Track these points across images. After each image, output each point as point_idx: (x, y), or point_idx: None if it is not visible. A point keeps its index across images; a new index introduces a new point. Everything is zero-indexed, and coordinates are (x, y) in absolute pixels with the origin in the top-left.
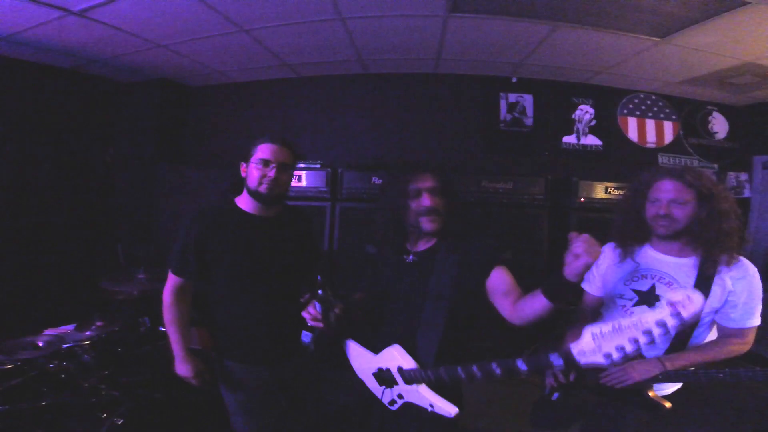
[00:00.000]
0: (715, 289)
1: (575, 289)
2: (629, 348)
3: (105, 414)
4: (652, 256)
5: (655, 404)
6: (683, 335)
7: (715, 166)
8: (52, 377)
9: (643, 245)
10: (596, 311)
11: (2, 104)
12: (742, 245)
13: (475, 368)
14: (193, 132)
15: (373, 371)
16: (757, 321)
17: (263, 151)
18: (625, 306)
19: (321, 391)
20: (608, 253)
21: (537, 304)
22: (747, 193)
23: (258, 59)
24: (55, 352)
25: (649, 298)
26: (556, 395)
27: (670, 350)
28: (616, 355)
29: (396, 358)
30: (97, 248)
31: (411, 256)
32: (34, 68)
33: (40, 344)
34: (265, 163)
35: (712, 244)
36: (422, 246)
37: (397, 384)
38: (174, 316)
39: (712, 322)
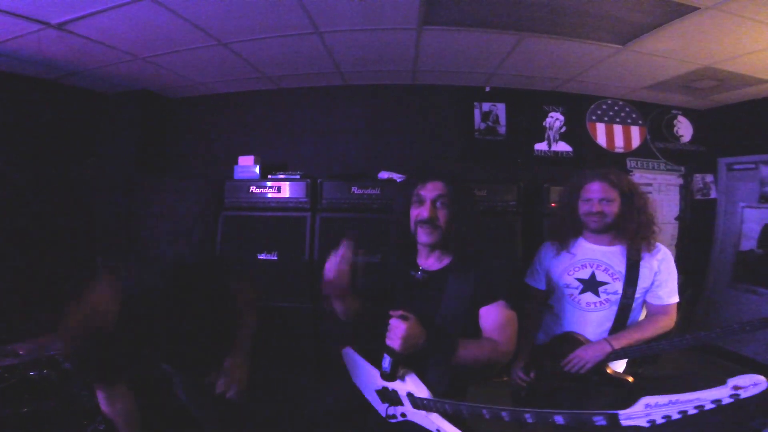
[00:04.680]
0: (644, 272)
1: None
2: (674, 417)
3: (86, 420)
4: (587, 247)
5: (616, 380)
6: (623, 317)
7: (682, 168)
8: (33, 384)
9: (578, 238)
10: (544, 303)
11: None
12: (656, 233)
13: (504, 414)
14: (174, 143)
15: (377, 388)
16: (677, 298)
17: None
18: (572, 294)
19: (300, 402)
20: (549, 251)
21: None
22: (713, 195)
23: (238, 72)
24: (36, 360)
25: (591, 285)
26: (523, 393)
27: (612, 330)
28: (659, 422)
29: (407, 384)
30: (77, 259)
31: (420, 273)
32: (13, 79)
33: (21, 352)
34: None
35: (633, 233)
36: (434, 265)
37: (402, 405)
38: None
39: (643, 302)
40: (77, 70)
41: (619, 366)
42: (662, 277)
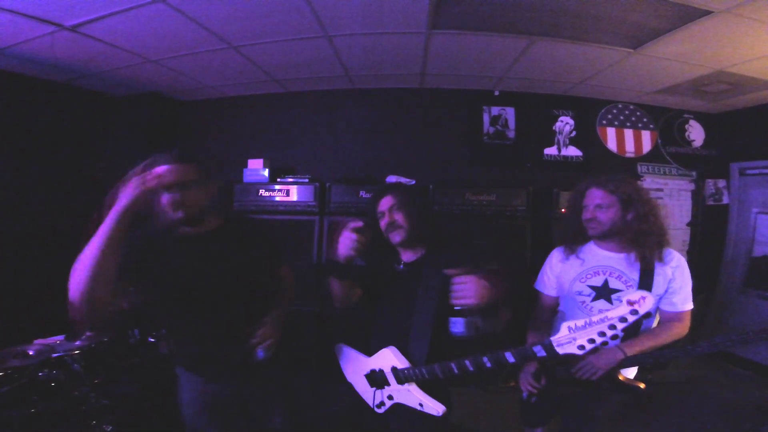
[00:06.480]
0: (658, 279)
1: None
2: (598, 340)
3: (94, 421)
4: (599, 253)
5: (628, 386)
6: (635, 324)
7: (694, 173)
8: (42, 385)
9: (587, 244)
10: (554, 310)
11: None
12: (666, 240)
13: (467, 362)
14: (183, 146)
15: (366, 372)
16: (691, 305)
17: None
18: (584, 302)
19: (293, 410)
20: (558, 257)
21: None
22: (726, 200)
23: (247, 75)
24: (45, 361)
25: (604, 292)
26: (534, 399)
27: (625, 337)
28: (588, 346)
29: (390, 358)
30: None
31: (401, 266)
32: (25, 81)
33: (31, 353)
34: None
35: (637, 241)
36: (410, 257)
37: (388, 384)
38: None
39: (657, 309)
40: (88, 73)
41: (630, 372)
42: (677, 285)
